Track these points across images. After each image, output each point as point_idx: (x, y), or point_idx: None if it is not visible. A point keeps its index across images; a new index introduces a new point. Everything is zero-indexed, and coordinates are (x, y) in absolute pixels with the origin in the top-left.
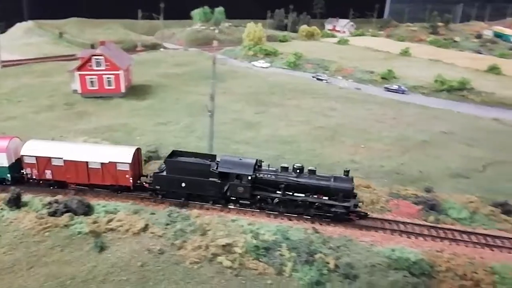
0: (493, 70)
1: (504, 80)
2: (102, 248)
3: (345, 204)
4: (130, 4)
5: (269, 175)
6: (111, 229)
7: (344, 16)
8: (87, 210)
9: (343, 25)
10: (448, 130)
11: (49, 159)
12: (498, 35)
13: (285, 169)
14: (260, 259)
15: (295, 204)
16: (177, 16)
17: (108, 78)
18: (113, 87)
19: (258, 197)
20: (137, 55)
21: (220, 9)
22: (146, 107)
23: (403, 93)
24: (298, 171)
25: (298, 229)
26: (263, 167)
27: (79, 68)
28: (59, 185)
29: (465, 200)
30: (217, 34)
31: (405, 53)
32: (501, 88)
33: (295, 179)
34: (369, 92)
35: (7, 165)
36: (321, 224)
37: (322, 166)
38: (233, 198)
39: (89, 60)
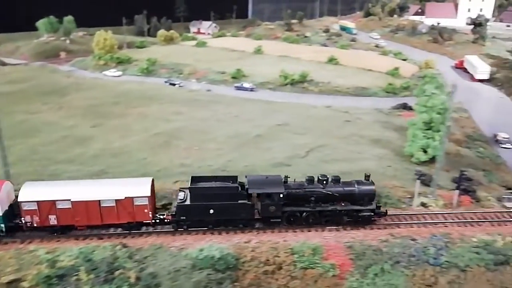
0: (332, 61)
1: (340, 70)
2: None
3: (370, 207)
4: None
5: (298, 190)
6: None
7: (208, 18)
8: None
9: (207, 27)
10: (284, 122)
11: (53, 202)
12: (343, 28)
13: (310, 181)
14: None
15: (324, 214)
16: (25, 28)
17: None
18: None
19: (286, 213)
20: None
21: (69, 18)
22: None
23: (252, 91)
24: (324, 182)
25: (106, 247)
26: (289, 182)
27: None
28: (63, 230)
29: None
30: (68, 45)
31: (258, 51)
32: (336, 77)
33: (323, 190)
34: (220, 93)
35: (0, 214)
36: (132, 237)
37: (149, 174)
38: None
39: None
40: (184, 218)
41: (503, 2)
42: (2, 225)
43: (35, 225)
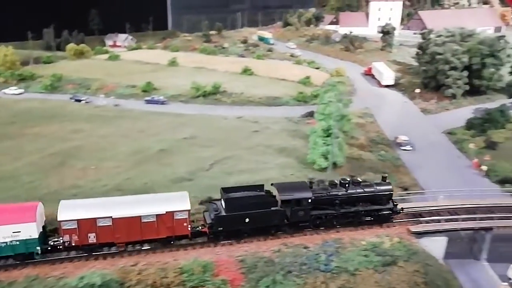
0: (246, 71)
1: (254, 80)
2: None
3: (389, 206)
4: None
5: (323, 194)
6: None
7: (124, 30)
8: None
9: (123, 40)
10: (191, 135)
11: (94, 220)
12: (261, 39)
13: (334, 185)
14: None
15: (347, 216)
16: None
17: None
18: None
19: (313, 216)
20: None
21: None
22: None
23: (163, 104)
24: (346, 185)
25: None
26: (314, 187)
27: None
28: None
29: None
30: None
31: (172, 63)
32: (250, 88)
33: (346, 193)
34: (128, 107)
35: (37, 236)
36: (5, 270)
37: (35, 198)
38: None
39: None
40: (221, 229)
41: (411, 11)
42: (38, 248)
43: (73, 244)
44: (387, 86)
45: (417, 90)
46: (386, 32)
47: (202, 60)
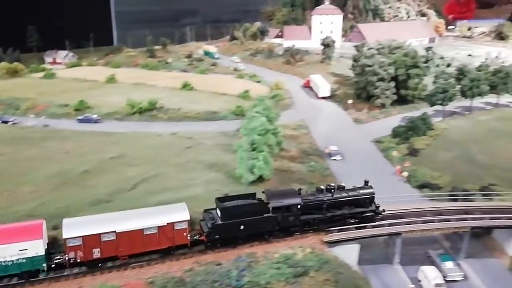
0: (186, 86)
1: (194, 95)
2: None
3: (371, 208)
4: None
5: (312, 200)
6: None
7: (64, 47)
8: None
9: (63, 57)
10: (120, 153)
11: (98, 236)
12: (206, 53)
13: (320, 190)
14: None
15: (333, 219)
16: None
17: None
18: None
19: (302, 221)
20: None
21: None
22: None
23: (96, 122)
24: (332, 190)
25: None
26: (302, 193)
27: None
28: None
29: None
30: None
31: (111, 80)
32: (188, 103)
33: (332, 197)
34: (59, 127)
35: (43, 253)
36: None
37: None
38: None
39: None
40: (218, 236)
41: (354, 24)
42: (44, 265)
43: (78, 260)
44: (324, 97)
45: (350, 101)
46: (326, 45)
47: (143, 76)
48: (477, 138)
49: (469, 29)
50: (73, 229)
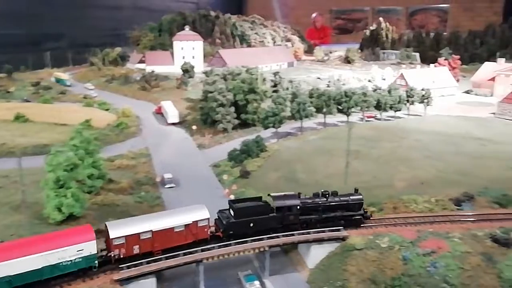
0: (19, 118)
1: (27, 127)
2: None
3: (360, 212)
4: None
5: (309, 202)
6: None
7: None
8: None
9: None
10: None
11: (138, 235)
12: (58, 80)
13: (316, 195)
14: None
15: (327, 220)
16: None
17: None
18: None
19: (301, 220)
20: None
21: None
22: None
23: None
24: (327, 195)
25: None
26: (301, 197)
27: None
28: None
29: None
30: None
31: None
32: (18, 137)
33: (327, 201)
34: None
35: (96, 252)
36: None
37: None
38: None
39: None
40: (232, 232)
41: (220, 49)
42: (96, 262)
43: (121, 256)
44: (173, 123)
45: (194, 127)
46: (185, 70)
47: None
48: (302, 157)
49: (330, 53)
50: (118, 229)
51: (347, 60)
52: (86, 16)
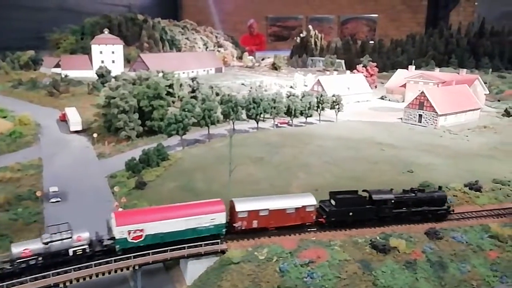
0: None
1: None
2: None
3: (444, 207)
4: None
5: (401, 197)
6: None
7: None
8: None
9: None
10: None
11: (258, 211)
12: None
13: (406, 191)
14: None
15: (416, 213)
16: None
17: None
18: None
19: (394, 213)
20: None
21: None
22: None
23: None
24: (416, 191)
25: None
26: (393, 192)
27: None
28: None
29: None
30: None
31: None
32: None
33: (416, 197)
34: None
35: (225, 222)
36: None
37: None
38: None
39: None
40: (334, 219)
41: (147, 53)
42: (224, 230)
43: (243, 228)
44: (76, 131)
45: (95, 135)
46: (101, 75)
47: None
48: (205, 165)
49: (263, 59)
50: (242, 205)
51: (274, 67)
52: (7, 17)
